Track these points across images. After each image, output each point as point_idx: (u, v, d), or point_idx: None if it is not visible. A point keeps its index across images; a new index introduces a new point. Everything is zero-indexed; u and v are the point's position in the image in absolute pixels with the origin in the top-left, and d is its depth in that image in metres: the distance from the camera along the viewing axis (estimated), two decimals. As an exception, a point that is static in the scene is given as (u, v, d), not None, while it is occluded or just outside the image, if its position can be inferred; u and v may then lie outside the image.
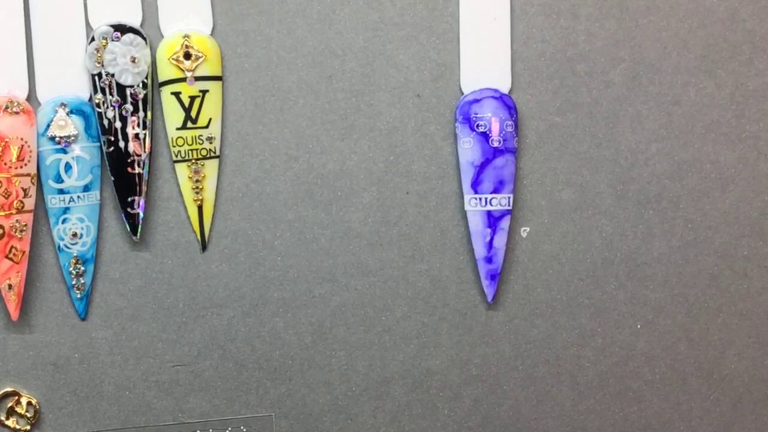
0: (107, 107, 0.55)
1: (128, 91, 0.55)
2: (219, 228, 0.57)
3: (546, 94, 0.58)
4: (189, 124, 0.56)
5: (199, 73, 0.56)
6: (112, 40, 0.55)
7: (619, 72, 0.58)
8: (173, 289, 0.57)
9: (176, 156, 0.56)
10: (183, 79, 0.56)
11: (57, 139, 0.55)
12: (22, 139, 0.54)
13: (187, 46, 0.56)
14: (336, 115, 0.57)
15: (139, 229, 0.56)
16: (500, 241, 0.58)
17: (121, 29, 0.55)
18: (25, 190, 0.54)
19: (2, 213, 0.54)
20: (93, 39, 0.55)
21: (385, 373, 0.59)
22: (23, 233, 0.55)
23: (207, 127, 0.56)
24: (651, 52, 0.58)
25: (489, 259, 0.58)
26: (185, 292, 0.57)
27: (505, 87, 0.58)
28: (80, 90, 0.56)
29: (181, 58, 0.56)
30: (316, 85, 0.57)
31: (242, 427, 0.58)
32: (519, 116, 0.58)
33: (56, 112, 0.55)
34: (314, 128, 0.57)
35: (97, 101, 0.55)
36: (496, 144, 0.57)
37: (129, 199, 0.56)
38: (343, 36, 0.57)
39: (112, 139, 0.55)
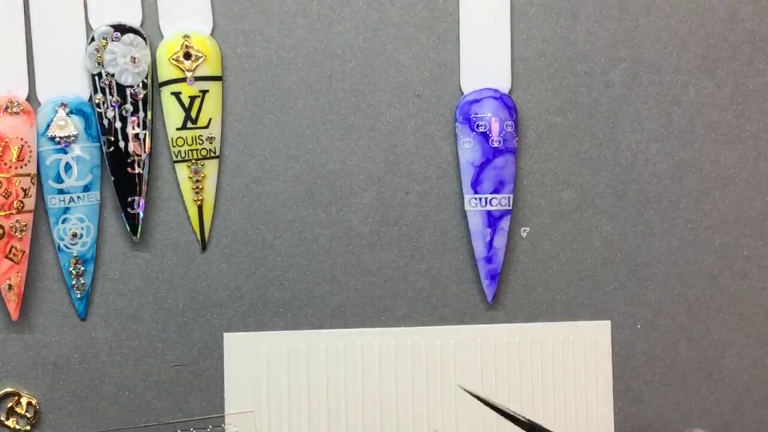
0: (107, 107, 0.55)
1: (128, 91, 0.55)
2: (219, 228, 0.57)
3: (546, 94, 0.58)
4: (189, 124, 0.56)
5: (199, 73, 0.56)
6: (112, 40, 0.55)
7: (619, 72, 0.58)
8: (173, 289, 0.57)
9: (176, 156, 0.56)
10: (183, 79, 0.56)
11: (57, 139, 0.55)
12: (22, 139, 0.54)
13: (187, 46, 0.56)
14: (336, 115, 0.57)
15: (139, 229, 0.56)
16: (500, 241, 0.58)
17: (121, 29, 0.55)
18: (25, 190, 0.54)
19: (2, 213, 0.54)
20: (93, 39, 0.55)
21: (385, 373, 0.59)
22: (23, 233, 0.55)
23: (207, 127, 0.56)
24: (651, 52, 0.58)
25: (489, 259, 0.58)
26: (185, 292, 0.57)
27: (505, 87, 0.58)
28: (80, 90, 0.56)
29: (181, 58, 0.56)
30: (316, 85, 0.57)
31: (222, 425, 0.58)
32: (519, 116, 0.58)
33: (56, 112, 0.55)
34: (314, 128, 0.57)
35: (97, 101, 0.55)
36: (496, 144, 0.57)
37: (129, 199, 0.56)
38: (343, 36, 0.57)
39: (112, 139, 0.55)
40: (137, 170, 0.56)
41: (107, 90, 0.55)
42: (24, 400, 0.56)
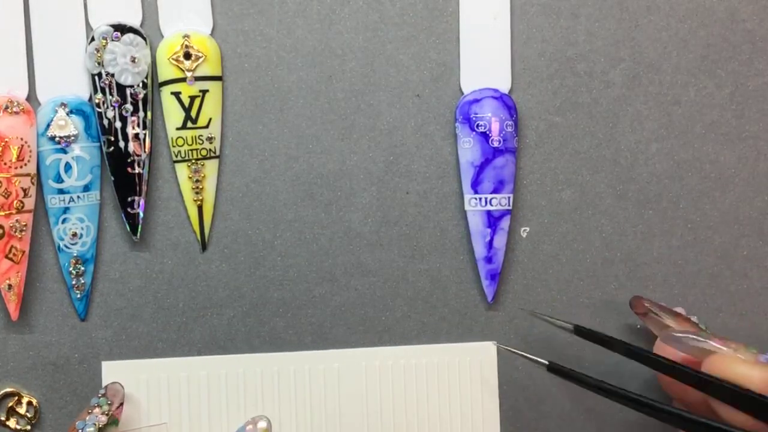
0: (107, 107, 0.55)
1: (128, 91, 0.55)
2: (219, 228, 0.57)
3: (546, 94, 0.58)
4: (189, 124, 0.56)
5: (199, 73, 0.56)
6: (112, 40, 0.55)
7: (619, 72, 0.58)
8: (173, 289, 0.57)
9: (176, 156, 0.56)
10: (183, 79, 0.56)
11: (57, 139, 0.55)
12: (22, 139, 0.54)
13: (187, 46, 0.56)
14: (336, 115, 0.57)
15: (139, 229, 0.56)
16: (500, 241, 0.58)
17: (121, 29, 0.55)
18: (25, 190, 0.54)
19: (2, 213, 0.54)
20: (93, 39, 0.55)
21: (385, 373, 0.59)
22: (23, 233, 0.55)
23: (207, 127, 0.56)
24: (651, 52, 0.58)
25: (489, 259, 0.58)
26: (185, 292, 0.57)
27: (505, 87, 0.58)
28: (80, 90, 0.56)
29: (181, 58, 0.56)
30: (316, 85, 0.57)
31: None
32: (519, 116, 0.58)
33: (56, 112, 0.55)
34: (314, 128, 0.57)
35: (97, 101, 0.55)
36: (496, 144, 0.57)
37: (129, 199, 0.56)
38: (343, 36, 0.57)
39: (112, 139, 0.55)
40: (137, 170, 0.56)
41: (107, 90, 0.55)
42: (24, 400, 0.56)
